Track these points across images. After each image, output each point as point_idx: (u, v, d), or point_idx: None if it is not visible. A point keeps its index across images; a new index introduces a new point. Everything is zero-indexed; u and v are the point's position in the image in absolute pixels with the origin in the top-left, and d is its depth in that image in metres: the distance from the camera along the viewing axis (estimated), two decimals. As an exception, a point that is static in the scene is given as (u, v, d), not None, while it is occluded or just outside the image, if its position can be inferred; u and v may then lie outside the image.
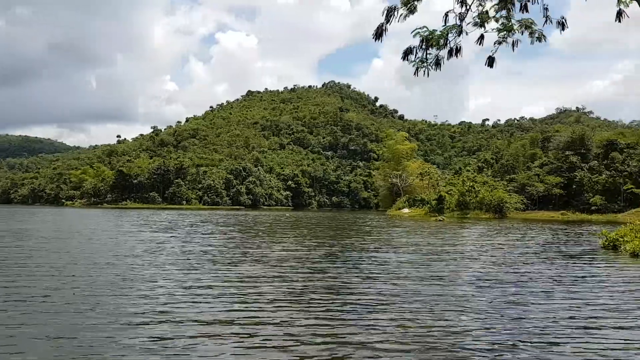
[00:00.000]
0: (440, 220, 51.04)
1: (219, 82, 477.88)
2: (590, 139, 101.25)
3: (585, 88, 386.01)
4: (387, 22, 6.87)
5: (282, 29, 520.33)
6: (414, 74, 7.38)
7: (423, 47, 7.07)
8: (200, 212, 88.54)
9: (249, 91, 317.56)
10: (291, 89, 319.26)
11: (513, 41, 7.11)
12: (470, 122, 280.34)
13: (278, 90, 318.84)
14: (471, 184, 60.49)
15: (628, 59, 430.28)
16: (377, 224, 47.44)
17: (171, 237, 27.81)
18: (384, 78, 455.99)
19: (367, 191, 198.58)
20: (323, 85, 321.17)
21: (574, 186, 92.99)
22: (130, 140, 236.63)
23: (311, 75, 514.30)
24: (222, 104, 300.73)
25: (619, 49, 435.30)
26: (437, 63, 7.22)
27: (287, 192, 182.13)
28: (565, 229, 41.32)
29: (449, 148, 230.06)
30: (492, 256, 20.01)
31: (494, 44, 7.20)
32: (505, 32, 7.07)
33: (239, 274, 14.17)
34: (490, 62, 7.18)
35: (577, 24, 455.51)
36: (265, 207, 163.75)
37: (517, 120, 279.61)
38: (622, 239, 22.22)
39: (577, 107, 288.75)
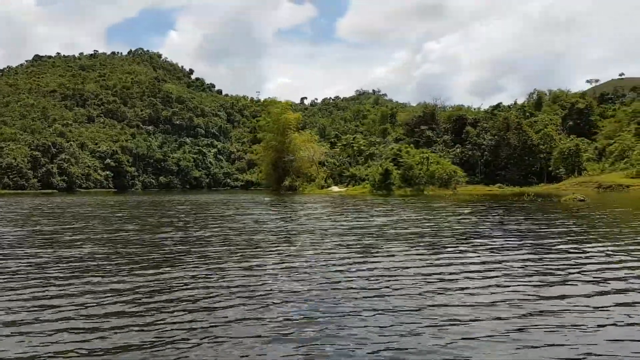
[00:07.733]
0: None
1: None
2: (438, 115, 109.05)
3: (374, 73, 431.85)
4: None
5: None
6: None
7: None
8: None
9: (36, 55, 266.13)
10: (91, 54, 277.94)
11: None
12: (290, 101, 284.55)
13: (74, 56, 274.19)
14: (424, 155, 56.71)
15: (404, 50, 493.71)
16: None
17: None
18: (183, 52, 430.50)
19: (198, 170, 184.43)
20: (130, 53, 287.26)
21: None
22: None
23: (102, 45, 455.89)
24: (3, 69, 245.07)
25: (398, 39, 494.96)
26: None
27: (107, 172, 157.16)
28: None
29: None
30: None
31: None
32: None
33: None
34: None
35: (361, 13, 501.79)
36: (83, 190, 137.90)
37: (333, 100, 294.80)
38: None
39: (373, 90, 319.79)
